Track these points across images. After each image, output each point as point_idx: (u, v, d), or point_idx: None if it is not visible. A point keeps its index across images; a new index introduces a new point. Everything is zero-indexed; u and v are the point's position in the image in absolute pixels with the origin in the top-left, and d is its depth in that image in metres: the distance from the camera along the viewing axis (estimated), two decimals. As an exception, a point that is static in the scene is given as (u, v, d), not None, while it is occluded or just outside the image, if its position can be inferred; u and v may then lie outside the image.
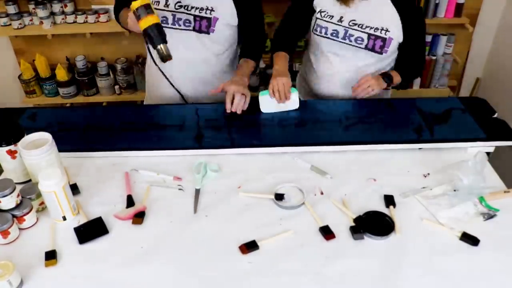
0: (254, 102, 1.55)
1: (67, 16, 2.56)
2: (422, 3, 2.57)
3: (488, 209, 1.19)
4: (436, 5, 2.59)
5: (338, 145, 1.41)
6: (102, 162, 1.39)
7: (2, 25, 2.56)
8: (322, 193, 1.26)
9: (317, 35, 1.62)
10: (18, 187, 1.16)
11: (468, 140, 1.42)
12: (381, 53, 1.56)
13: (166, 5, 1.54)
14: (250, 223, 1.16)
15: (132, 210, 1.19)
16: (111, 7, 2.62)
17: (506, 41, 2.74)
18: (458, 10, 2.61)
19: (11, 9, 2.51)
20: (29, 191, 1.19)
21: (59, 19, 2.56)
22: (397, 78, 1.60)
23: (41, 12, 2.49)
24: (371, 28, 1.53)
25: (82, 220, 1.18)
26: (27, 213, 1.14)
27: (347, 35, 1.56)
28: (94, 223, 1.16)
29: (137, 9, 1.31)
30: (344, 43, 1.58)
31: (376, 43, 1.54)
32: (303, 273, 1.03)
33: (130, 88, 2.82)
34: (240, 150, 1.41)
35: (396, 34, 1.53)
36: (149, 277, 1.03)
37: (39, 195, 1.18)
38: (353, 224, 1.15)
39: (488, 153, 1.43)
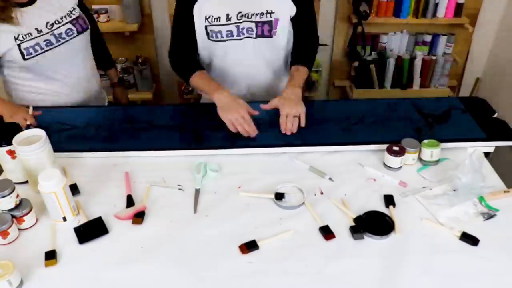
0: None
1: (67, 16, 2.56)
2: (422, 3, 2.58)
3: (488, 209, 1.19)
4: (436, 5, 2.60)
5: (338, 145, 1.41)
6: (102, 162, 1.39)
7: (2, 25, 2.55)
8: (322, 193, 1.26)
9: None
10: (18, 188, 1.16)
11: (468, 140, 1.42)
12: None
13: (229, 18, 1.49)
14: (250, 223, 1.16)
15: (132, 210, 1.19)
16: (111, 7, 2.63)
17: (506, 41, 2.75)
18: (458, 10, 2.62)
19: (11, 9, 2.50)
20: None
21: (59, 19, 2.56)
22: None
23: (41, 12, 2.49)
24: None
25: (82, 220, 1.18)
26: (27, 213, 1.14)
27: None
28: (94, 223, 1.16)
29: None
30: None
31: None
32: (303, 273, 1.03)
33: (130, 88, 2.82)
34: (240, 150, 1.41)
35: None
36: (149, 277, 1.03)
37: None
38: (353, 224, 1.15)
39: (488, 153, 1.43)
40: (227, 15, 1.48)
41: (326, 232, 1.12)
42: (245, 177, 1.32)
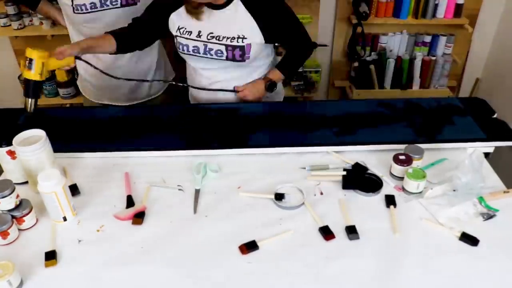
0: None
1: (67, 16, 2.56)
2: (422, 3, 2.58)
3: (488, 209, 1.19)
4: (436, 6, 2.60)
5: (339, 146, 1.41)
6: (102, 162, 1.39)
7: (2, 26, 2.56)
8: (322, 193, 1.26)
9: (181, 53, 1.56)
10: (18, 188, 1.16)
11: (468, 140, 1.42)
12: (243, 60, 1.50)
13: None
14: (250, 223, 1.16)
15: (132, 210, 1.19)
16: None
17: (506, 41, 2.75)
18: (458, 10, 2.62)
19: (11, 9, 2.50)
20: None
21: (59, 19, 2.56)
22: (277, 77, 1.60)
23: (41, 13, 2.49)
24: (227, 38, 1.47)
25: (82, 218, 1.18)
26: (27, 214, 1.14)
27: (207, 49, 1.49)
28: None
29: (26, 58, 1.33)
30: (206, 57, 1.52)
31: (236, 53, 1.48)
32: (303, 273, 1.03)
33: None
34: (240, 150, 1.41)
35: (255, 38, 1.47)
36: (149, 277, 1.03)
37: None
38: (352, 224, 1.15)
39: (488, 153, 1.43)
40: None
41: (326, 233, 1.12)
42: (245, 177, 1.32)
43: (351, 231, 1.12)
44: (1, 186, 1.12)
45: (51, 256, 1.07)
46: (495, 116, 1.54)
